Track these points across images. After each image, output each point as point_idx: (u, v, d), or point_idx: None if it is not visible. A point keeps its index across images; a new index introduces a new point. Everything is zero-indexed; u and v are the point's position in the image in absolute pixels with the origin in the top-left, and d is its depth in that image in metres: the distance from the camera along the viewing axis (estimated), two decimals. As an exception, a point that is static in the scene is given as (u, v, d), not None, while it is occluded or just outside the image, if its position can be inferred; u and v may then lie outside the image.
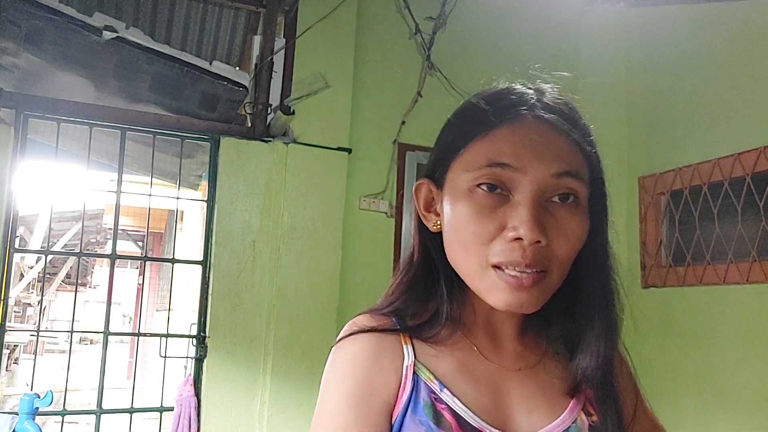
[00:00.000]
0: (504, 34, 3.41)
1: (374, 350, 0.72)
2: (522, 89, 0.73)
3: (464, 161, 0.71)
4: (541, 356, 0.78)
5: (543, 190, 0.68)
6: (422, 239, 0.78)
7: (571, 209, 0.69)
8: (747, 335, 2.59)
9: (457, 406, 0.70)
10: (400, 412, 0.70)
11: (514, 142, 0.68)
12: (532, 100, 0.71)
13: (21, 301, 13.17)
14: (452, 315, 0.75)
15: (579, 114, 0.73)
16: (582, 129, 0.72)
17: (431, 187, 0.76)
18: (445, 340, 0.74)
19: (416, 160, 3.16)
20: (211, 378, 2.66)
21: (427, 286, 0.77)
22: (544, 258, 0.67)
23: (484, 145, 0.69)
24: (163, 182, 3.25)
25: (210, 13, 2.99)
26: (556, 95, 0.74)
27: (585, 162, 0.71)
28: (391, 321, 0.76)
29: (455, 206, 0.71)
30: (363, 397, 0.70)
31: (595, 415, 0.74)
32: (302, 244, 2.83)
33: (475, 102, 0.74)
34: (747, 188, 2.63)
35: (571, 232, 0.69)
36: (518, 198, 0.67)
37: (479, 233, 0.68)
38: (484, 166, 0.68)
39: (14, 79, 2.66)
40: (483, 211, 0.68)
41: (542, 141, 0.68)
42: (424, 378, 0.71)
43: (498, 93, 0.74)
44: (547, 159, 0.67)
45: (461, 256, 0.71)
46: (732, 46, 2.78)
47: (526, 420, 0.73)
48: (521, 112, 0.70)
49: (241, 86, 2.79)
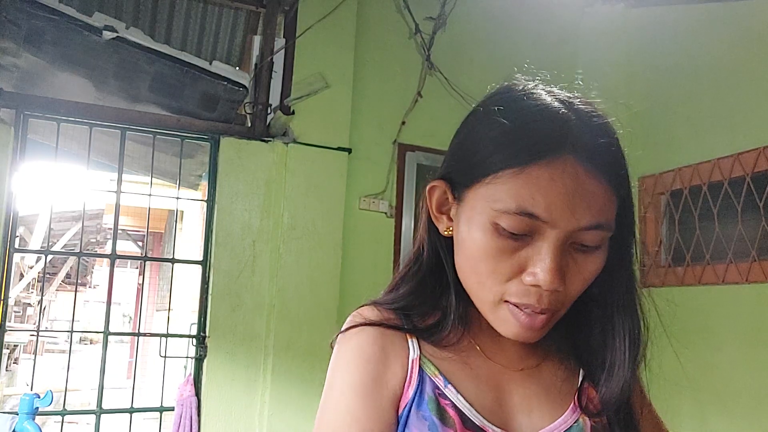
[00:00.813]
0: (504, 34, 3.41)
1: (380, 342, 0.72)
2: (560, 112, 0.67)
3: (490, 191, 0.66)
4: (544, 357, 0.78)
5: (568, 239, 0.65)
6: (432, 240, 0.77)
7: (591, 251, 0.68)
8: (746, 335, 2.59)
9: (460, 402, 0.70)
10: (407, 405, 0.70)
11: (548, 192, 0.63)
12: (572, 131, 0.65)
13: (21, 301, 13.17)
14: (461, 318, 0.75)
15: (617, 144, 0.69)
16: (619, 166, 0.68)
17: (447, 192, 0.73)
18: (453, 344, 0.74)
19: (416, 161, 3.16)
20: (211, 378, 2.66)
21: (435, 287, 0.77)
22: (557, 301, 0.67)
23: (516, 184, 0.64)
24: (163, 182, 3.25)
25: (210, 13, 2.99)
26: (595, 122, 0.68)
27: (617, 203, 0.67)
28: (397, 317, 0.75)
29: (473, 232, 0.68)
30: (370, 386, 0.70)
31: (597, 415, 0.74)
32: (302, 244, 2.83)
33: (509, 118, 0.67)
34: (747, 188, 2.63)
35: (588, 274, 0.68)
36: (541, 244, 0.65)
37: (497, 272, 0.67)
38: (512, 211, 0.64)
39: (14, 79, 2.66)
40: (504, 252, 0.66)
41: (577, 189, 0.63)
42: (429, 373, 0.71)
43: (534, 113, 0.67)
44: (578, 211, 0.64)
45: (474, 285, 0.70)
46: (732, 46, 2.78)
47: (528, 419, 0.73)
48: (560, 151, 0.64)
49: (241, 86, 2.79)
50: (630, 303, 0.73)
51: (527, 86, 0.71)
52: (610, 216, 0.66)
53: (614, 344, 0.72)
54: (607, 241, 0.68)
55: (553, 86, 0.72)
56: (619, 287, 0.72)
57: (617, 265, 0.71)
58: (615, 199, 0.67)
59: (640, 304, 0.74)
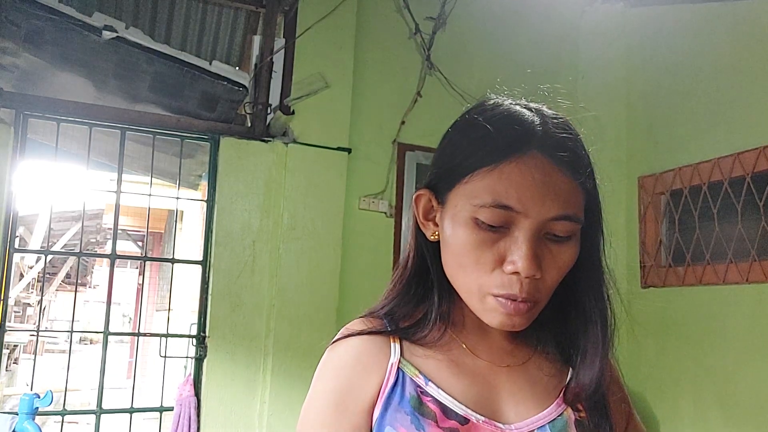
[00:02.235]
0: (504, 34, 3.41)
1: (360, 351, 0.77)
2: (527, 116, 0.74)
3: (468, 189, 0.73)
4: (531, 353, 0.81)
5: (541, 229, 0.71)
6: (418, 245, 0.82)
7: (564, 242, 0.73)
8: (746, 335, 2.59)
9: (441, 396, 0.74)
10: (381, 406, 0.74)
11: (519, 184, 0.70)
12: (539, 131, 0.72)
13: (21, 301, 13.18)
14: (442, 315, 0.79)
15: (580, 142, 0.75)
16: (583, 161, 0.74)
17: (432, 199, 0.78)
18: (435, 341, 0.78)
19: (416, 160, 3.16)
20: (211, 378, 2.66)
21: (419, 289, 0.82)
22: (536, 290, 0.72)
23: (491, 180, 0.71)
24: (163, 182, 3.25)
25: (210, 13, 2.99)
26: (559, 123, 0.75)
27: (583, 196, 0.73)
28: (383, 323, 0.80)
29: (456, 230, 0.74)
30: (343, 398, 0.75)
31: (583, 411, 0.77)
32: (302, 244, 2.83)
33: (482, 124, 0.74)
34: (747, 188, 2.63)
35: (563, 263, 0.73)
36: (517, 234, 0.71)
37: (480, 263, 0.72)
38: (488, 204, 0.70)
39: (14, 79, 2.66)
40: (485, 244, 0.72)
41: (545, 181, 0.70)
42: (409, 374, 0.75)
43: (504, 118, 0.75)
44: (548, 202, 0.70)
45: (461, 279, 0.75)
46: (732, 46, 2.78)
47: (514, 411, 0.76)
48: (528, 148, 0.71)
49: (241, 86, 2.79)
50: (599, 291, 0.78)
51: (497, 100, 0.79)
52: (577, 207, 0.72)
53: (587, 330, 0.78)
54: (578, 233, 0.74)
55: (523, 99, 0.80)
56: (589, 277, 0.78)
57: (587, 256, 0.76)
58: (581, 192, 0.73)
59: (607, 292, 0.79)
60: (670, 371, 2.89)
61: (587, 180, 0.73)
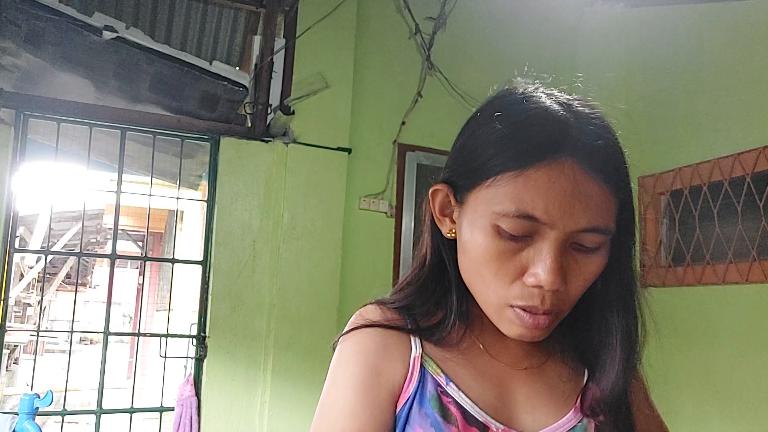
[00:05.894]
0: (504, 34, 3.41)
1: (381, 339, 0.73)
2: (559, 114, 0.67)
3: (491, 194, 0.67)
4: (549, 356, 0.78)
5: (567, 240, 0.66)
6: (435, 242, 0.77)
7: (592, 252, 0.68)
8: (746, 335, 2.59)
9: (462, 399, 0.71)
10: (406, 402, 0.70)
11: (547, 194, 0.64)
12: (570, 134, 0.65)
13: (21, 301, 13.17)
14: (462, 316, 0.76)
15: (617, 145, 0.69)
16: (618, 167, 0.68)
17: (450, 196, 0.74)
18: (455, 343, 0.75)
19: (416, 160, 3.16)
20: (211, 378, 2.66)
21: (437, 287, 0.78)
22: (559, 301, 0.68)
23: (515, 187, 0.65)
24: (163, 182, 3.25)
25: (210, 13, 2.99)
26: (594, 123, 0.68)
27: (616, 204, 0.67)
28: (401, 316, 0.76)
29: (475, 236, 0.68)
30: (369, 381, 0.71)
31: (601, 415, 0.74)
32: (302, 244, 2.83)
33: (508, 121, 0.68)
34: (747, 188, 2.63)
35: (589, 274, 0.68)
36: (542, 245, 0.66)
37: (500, 275, 0.67)
38: (512, 213, 0.65)
39: (14, 79, 2.66)
40: (505, 254, 0.67)
41: (576, 190, 0.64)
42: (430, 370, 0.72)
43: (533, 116, 0.67)
44: (577, 213, 0.64)
45: (478, 287, 0.71)
46: (732, 46, 2.78)
47: (531, 417, 0.73)
48: (558, 153, 0.64)
49: (241, 86, 2.79)
50: (628, 303, 0.73)
51: (527, 89, 0.72)
52: (608, 218, 0.66)
53: (608, 342, 0.73)
54: (608, 242, 0.68)
55: (554, 89, 0.72)
56: (617, 287, 0.73)
57: (616, 266, 0.71)
58: (614, 201, 0.67)
59: (639, 305, 0.74)
60: (670, 371, 2.89)
61: (622, 189, 0.68)
